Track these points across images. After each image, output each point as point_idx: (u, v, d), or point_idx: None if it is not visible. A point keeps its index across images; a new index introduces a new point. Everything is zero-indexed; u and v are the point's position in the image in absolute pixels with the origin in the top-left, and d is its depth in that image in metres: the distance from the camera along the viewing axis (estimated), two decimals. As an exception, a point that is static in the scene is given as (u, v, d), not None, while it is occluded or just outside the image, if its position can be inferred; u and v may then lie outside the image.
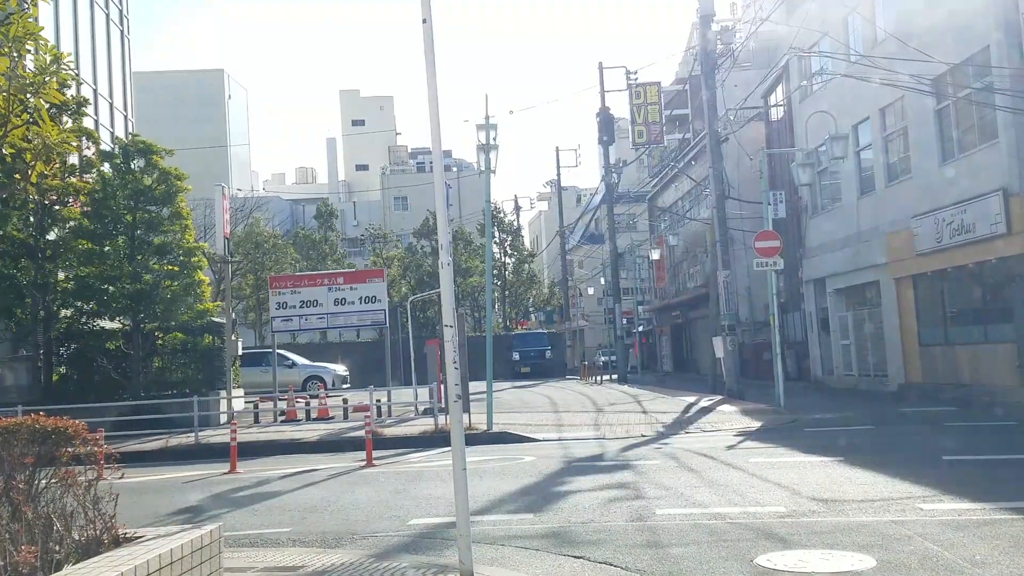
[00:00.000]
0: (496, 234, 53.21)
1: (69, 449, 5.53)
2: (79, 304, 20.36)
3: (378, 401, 18.35)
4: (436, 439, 15.31)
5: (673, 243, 43.57)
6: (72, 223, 20.16)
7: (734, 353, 22.16)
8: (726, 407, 19.25)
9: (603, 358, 41.62)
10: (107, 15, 30.87)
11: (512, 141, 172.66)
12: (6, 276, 19.21)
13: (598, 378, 35.74)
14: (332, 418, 19.54)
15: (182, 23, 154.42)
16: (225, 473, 13.04)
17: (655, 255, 47.20)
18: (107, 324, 21.41)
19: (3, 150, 7.14)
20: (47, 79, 6.82)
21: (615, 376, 36.82)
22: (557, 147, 73.76)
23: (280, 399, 21.39)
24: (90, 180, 20.01)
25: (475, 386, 18.43)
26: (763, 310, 29.88)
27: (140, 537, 5.32)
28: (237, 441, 13.76)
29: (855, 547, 6.69)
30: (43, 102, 7.15)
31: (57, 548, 4.94)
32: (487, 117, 17.57)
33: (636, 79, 37.35)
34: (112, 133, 29.55)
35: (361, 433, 14.06)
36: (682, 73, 42.63)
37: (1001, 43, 17.83)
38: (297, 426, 18.36)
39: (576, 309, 53.68)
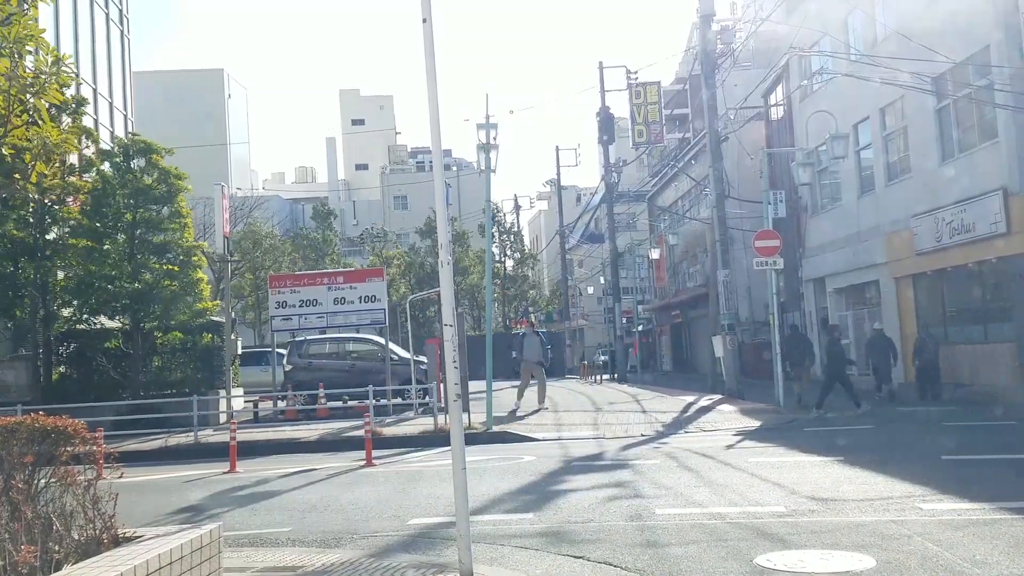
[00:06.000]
0: (496, 234, 53.19)
1: (68, 448, 5.53)
2: (78, 303, 20.34)
3: (377, 400, 18.33)
4: (436, 439, 15.30)
5: (673, 242, 43.55)
6: (72, 222, 20.15)
7: (734, 352, 22.15)
8: (725, 407, 19.25)
9: (603, 357, 41.60)
10: (107, 14, 30.86)
11: (512, 140, 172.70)
12: (6, 275, 19.20)
13: (597, 377, 35.74)
14: (331, 417, 19.53)
15: (182, 23, 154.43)
16: (224, 472, 13.03)
17: (655, 254, 47.19)
18: (107, 323, 21.41)
19: (3, 150, 7.13)
20: (48, 80, 6.82)
21: (615, 375, 36.81)
22: (557, 146, 73.73)
23: (280, 398, 21.43)
24: (90, 179, 19.99)
25: (475, 385, 18.42)
26: (763, 310, 29.87)
27: (140, 537, 5.32)
28: (236, 440, 13.76)
29: (855, 547, 6.69)
30: (43, 102, 7.15)
31: (57, 548, 4.94)
32: (487, 116, 17.55)
33: (636, 79, 37.34)
34: (112, 132, 29.54)
35: (360, 432, 14.06)
36: (682, 73, 42.64)
37: (1001, 42, 17.84)
38: (296, 425, 18.35)
39: (576, 308, 53.66)
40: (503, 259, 54.68)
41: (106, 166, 21.03)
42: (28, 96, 6.99)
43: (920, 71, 19.24)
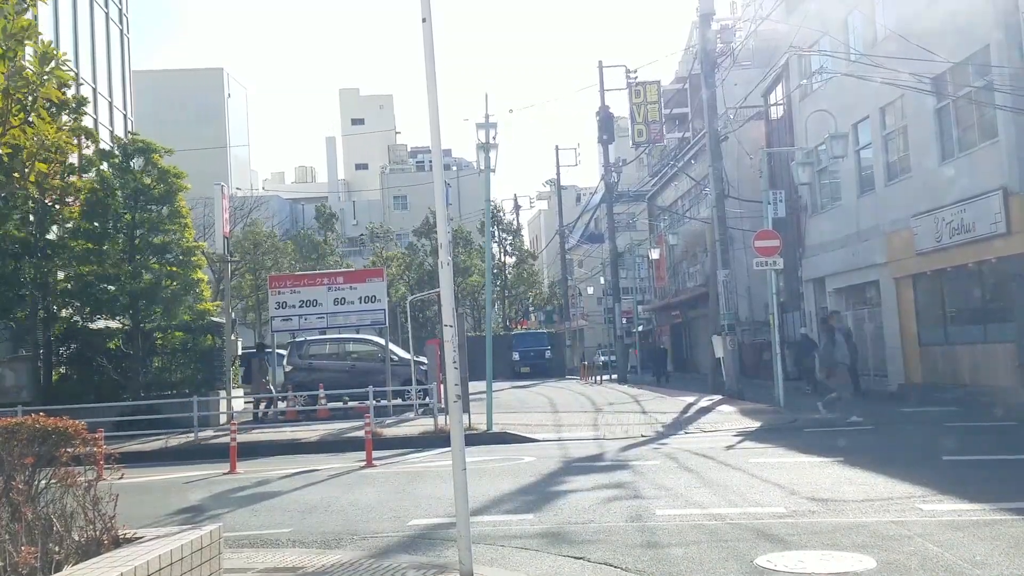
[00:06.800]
0: (496, 233, 53.17)
1: (69, 449, 5.53)
2: (78, 304, 20.34)
3: (378, 401, 18.34)
4: (436, 439, 15.30)
5: (673, 242, 43.57)
6: (71, 223, 20.14)
7: (734, 353, 22.15)
8: (725, 407, 19.24)
9: (603, 358, 41.61)
10: (107, 14, 30.84)
11: (512, 140, 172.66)
12: (6, 275, 19.19)
13: (598, 378, 35.75)
14: (332, 418, 19.54)
15: (182, 23, 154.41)
16: (225, 473, 13.03)
17: (655, 254, 47.18)
18: (107, 324, 21.41)
19: (1, 150, 7.13)
20: (46, 78, 6.80)
21: (615, 376, 36.82)
22: (557, 146, 73.66)
23: (280, 399, 21.42)
24: (89, 179, 19.98)
25: (475, 386, 18.42)
26: (763, 310, 29.86)
27: (140, 538, 5.32)
28: (237, 441, 13.76)
29: (855, 547, 6.69)
30: (41, 100, 7.13)
31: (57, 549, 4.94)
32: (487, 116, 17.56)
33: (636, 78, 37.36)
34: (111, 132, 29.52)
35: (361, 433, 14.06)
36: (682, 72, 42.63)
37: (1001, 42, 17.82)
38: (297, 426, 18.35)
39: (576, 309, 53.65)
40: (504, 258, 54.67)
41: (105, 166, 21.03)
42: (27, 95, 6.97)
43: (920, 71, 19.22)
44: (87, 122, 22.60)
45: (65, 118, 17.69)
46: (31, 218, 19.63)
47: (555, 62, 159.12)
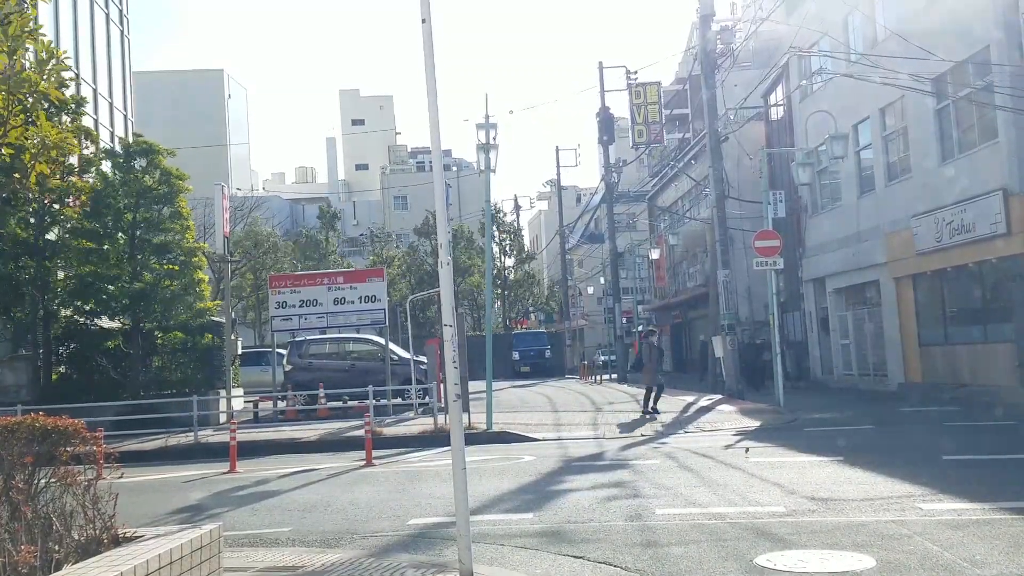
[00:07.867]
0: (496, 234, 53.16)
1: (68, 448, 5.53)
2: (79, 303, 20.34)
3: (377, 400, 18.33)
4: (436, 439, 15.30)
5: (673, 243, 43.55)
6: (72, 222, 20.16)
7: (733, 353, 22.16)
8: (725, 407, 19.24)
9: (603, 358, 41.57)
10: (107, 14, 30.85)
11: (512, 141, 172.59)
12: (6, 275, 19.19)
13: (598, 378, 35.72)
14: (331, 417, 19.54)
15: (182, 23, 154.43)
16: (224, 472, 13.03)
17: (655, 255, 47.17)
18: (107, 323, 21.40)
19: (2, 150, 7.13)
20: (46, 78, 6.80)
21: (615, 376, 36.81)
22: (557, 147, 73.57)
23: (280, 398, 21.43)
24: (90, 180, 19.99)
25: (475, 385, 18.42)
26: (763, 310, 29.85)
27: (140, 537, 5.32)
28: (236, 441, 13.76)
29: (855, 547, 6.69)
30: (43, 100, 7.14)
31: (56, 548, 4.94)
32: (487, 116, 17.54)
33: (636, 79, 37.32)
34: (112, 132, 29.54)
35: (360, 432, 14.06)
36: (682, 72, 42.63)
37: (1001, 42, 17.84)
38: (296, 425, 18.35)
39: (576, 309, 53.63)
40: (503, 258, 54.64)
41: (107, 166, 21.04)
42: (27, 95, 6.98)
43: (920, 71, 19.23)
44: (87, 122, 22.61)
45: (65, 118, 17.74)
46: (31, 218, 19.63)
47: (555, 63, 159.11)
